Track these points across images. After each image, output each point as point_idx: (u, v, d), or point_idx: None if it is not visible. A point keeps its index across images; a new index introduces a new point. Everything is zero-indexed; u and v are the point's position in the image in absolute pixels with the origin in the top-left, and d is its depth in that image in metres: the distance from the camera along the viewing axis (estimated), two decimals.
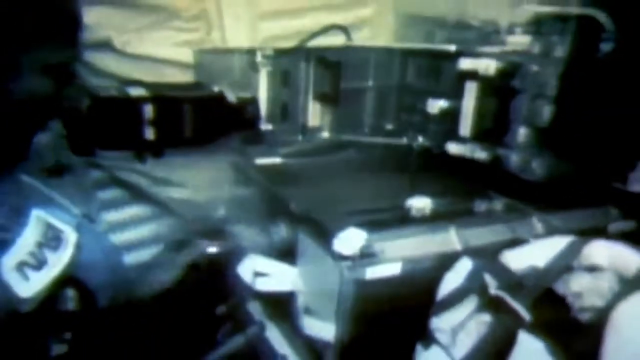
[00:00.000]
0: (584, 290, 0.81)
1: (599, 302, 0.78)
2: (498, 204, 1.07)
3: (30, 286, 0.76)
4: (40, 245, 0.78)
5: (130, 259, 1.22)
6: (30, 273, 0.76)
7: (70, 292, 0.82)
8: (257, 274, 1.06)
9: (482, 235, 0.97)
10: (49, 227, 0.80)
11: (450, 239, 0.95)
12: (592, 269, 0.82)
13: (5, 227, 0.77)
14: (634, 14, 1.00)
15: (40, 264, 0.77)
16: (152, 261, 1.17)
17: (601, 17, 0.96)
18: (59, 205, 0.85)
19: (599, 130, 1.04)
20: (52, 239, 0.79)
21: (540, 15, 1.02)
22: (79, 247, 0.80)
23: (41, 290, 0.77)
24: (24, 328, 0.76)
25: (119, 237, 1.50)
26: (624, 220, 1.08)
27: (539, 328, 0.75)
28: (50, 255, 0.78)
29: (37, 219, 0.79)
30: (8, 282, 0.76)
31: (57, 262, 0.78)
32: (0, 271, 0.75)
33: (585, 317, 0.78)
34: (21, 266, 0.76)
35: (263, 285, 1.06)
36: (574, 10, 0.98)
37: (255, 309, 1.14)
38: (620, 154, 1.12)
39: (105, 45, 0.95)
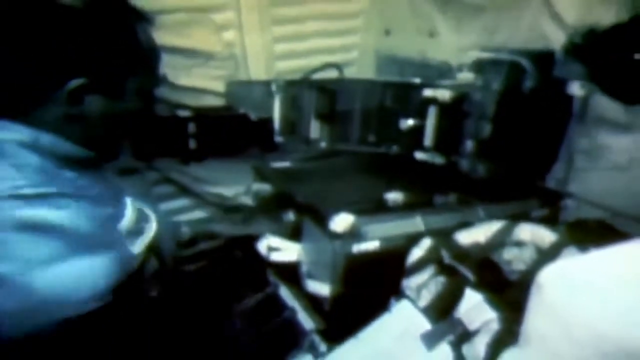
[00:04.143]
0: (512, 258, 0.84)
1: (522, 267, 0.81)
2: (452, 197, 1.07)
3: (135, 248, 0.80)
4: (138, 220, 0.82)
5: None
6: (134, 239, 0.81)
7: (153, 259, 0.85)
8: (272, 249, 1.06)
9: (440, 221, 0.97)
10: (138, 208, 0.83)
11: (416, 223, 0.96)
12: (519, 243, 0.85)
13: (114, 205, 0.80)
14: (547, 62, 1.03)
15: (139, 233, 0.82)
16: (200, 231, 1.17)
17: (525, 62, 0.99)
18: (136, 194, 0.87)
19: (524, 142, 1.05)
20: (142, 216, 0.83)
21: (481, 59, 1.04)
22: (158, 223, 0.84)
23: (141, 252, 0.81)
24: (133, 279, 0.79)
25: None
26: (542, 208, 1.08)
27: (480, 285, 0.78)
28: (145, 226, 0.83)
29: (131, 202, 0.83)
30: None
31: (149, 231, 0.83)
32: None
33: (513, 277, 0.82)
34: (129, 234, 0.80)
35: (276, 257, 1.06)
36: (506, 56, 1.01)
37: (270, 274, 1.14)
38: (539, 160, 1.14)
39: (162, 79, 0.98)
